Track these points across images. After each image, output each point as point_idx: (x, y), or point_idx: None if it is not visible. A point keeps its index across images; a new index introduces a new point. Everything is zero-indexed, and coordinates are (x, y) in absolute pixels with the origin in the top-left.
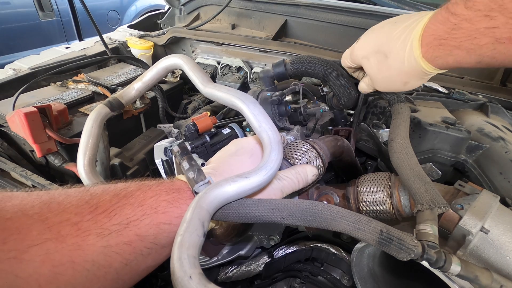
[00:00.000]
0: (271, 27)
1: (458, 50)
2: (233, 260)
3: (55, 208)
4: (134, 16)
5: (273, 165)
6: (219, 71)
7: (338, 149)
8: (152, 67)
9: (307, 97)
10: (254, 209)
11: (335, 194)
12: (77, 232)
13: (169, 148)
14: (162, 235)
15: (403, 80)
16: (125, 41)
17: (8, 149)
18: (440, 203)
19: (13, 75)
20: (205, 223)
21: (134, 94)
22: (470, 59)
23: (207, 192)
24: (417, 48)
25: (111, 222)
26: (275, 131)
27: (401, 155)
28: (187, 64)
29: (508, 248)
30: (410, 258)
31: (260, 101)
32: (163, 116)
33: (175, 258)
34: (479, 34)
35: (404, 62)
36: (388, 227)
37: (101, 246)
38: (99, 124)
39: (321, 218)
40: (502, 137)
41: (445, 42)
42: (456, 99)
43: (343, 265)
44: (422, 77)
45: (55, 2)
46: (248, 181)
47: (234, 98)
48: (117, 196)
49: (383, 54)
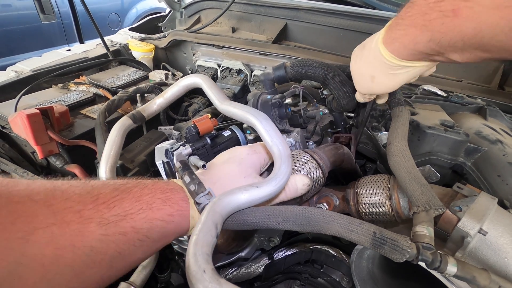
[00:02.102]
0: (272, 30)
1: (412, 28)
2: (233, 262)
3: (59, 195)
4: (134, 19)
5: (283, 177)
6: (220, 74)
7: (339, 158)
8: (174, 84)
9: (307, 100)
10: (251, 216)
11: (334, 196)
12: (79, 219)
13: (170, 150)
14: (154, 230)
15: (369, 72)
16: (126, 43)
17: (10, 151)
18: (435, 205)
19: (15, 77)
20: (218, 226)
21: (156, 109)
22: (423, 36)
23: (221, 198)
24: (380, 33)
25: (110, 212)
26: (286, 145)
27: (398, 158)
28: (205, 83)
29: (506, 250)
30: (405, 259)
31: (261, 104)
32: (164, 118)
33: (190, 254)
34: (429, 9)
35: (371, 49)
36: (382, 229)
37: (100, 234)
38: (122, 134)
39: (314, 222)
40: (500, 140)
41: (401, 22)
42: (455, 102)
43: (343, 267)
44: (386, 70)
45: (56, 4)
46: (259, 191)
47: (248, 114)
48: (116, 190)
49: (363, 45)
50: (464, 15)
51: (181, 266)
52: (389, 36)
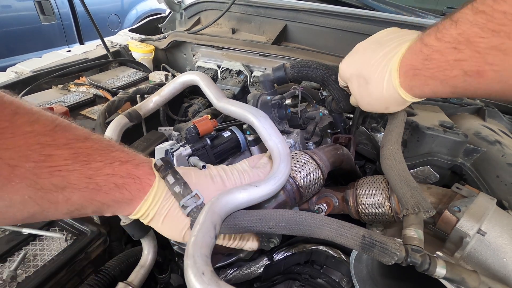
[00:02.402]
0: (271, 31)
1: (433, 80)
2: (233, 262)
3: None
4: (134, 20)
5: (282, 176)
6: (220, 75)
7: (338, 159)
8: (170, 82)
9: (307, 100)
10: (242, 220)
11: (334, 197)
12: (11, 172)
13: (170, 151)
14: (89, 207)
15: (383, 105)
16: (126, 44)
17: None
18: (425, 207)
19: (15, 78)
20: (217, 226)
21: (152, 107)
22: (445, 89)
23: (219, 198)
24: (395, 78)
25: (49, 180)
26: (285, 144)
27: (390, 161)
28: (203, 81)
29: (504, 250)
30: (394, 262)
31: (260, 105)
32: (163, 119)
33: (189, 255)
34: (449, 66)
35: (383, 90)
36: (371, 232)
37: (28, 196)
38: (118, 133)
39: (305, 226)
40: (499, 140)
41: (419, 72)
42: (454, 103)
43: (343, 268)
44: (402, 104)
45: (56, 5)
46: (257, 190)
47: (247, 112)
48: (75, 154)
49: (363, 79)
50: (490, 77)
51: (180, 267)
52: (408, 84)
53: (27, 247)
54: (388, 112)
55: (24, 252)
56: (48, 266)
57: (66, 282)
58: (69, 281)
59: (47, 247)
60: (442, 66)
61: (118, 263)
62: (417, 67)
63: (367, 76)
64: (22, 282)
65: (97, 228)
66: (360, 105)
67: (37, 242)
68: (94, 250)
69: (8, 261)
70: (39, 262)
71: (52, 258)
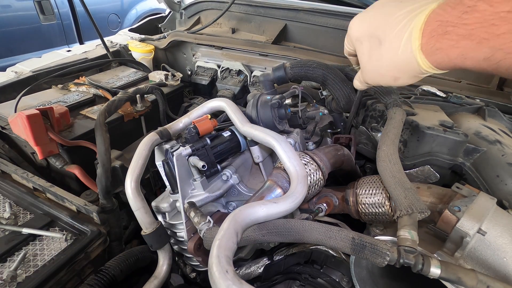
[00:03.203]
0: (271, 31)
1: (467, 41)
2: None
3: None
4: (134, 20)
5: (299, 195)
6: (219, 75)
7: (339, 159)
8: (200, 106)
9: (307, 100)
10: None
11: (334, 197)
12: None
13: (170, 150)
14: None
15: (393, 75)
16: (126, 44)
17: (10, 151)
18: (419, 208)
19: (15, 78)
20: (239, 234)
21: (181, 127)
22: (479, 52)
23: (242, 210)
24: (416, 39)
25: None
26: (302, 166)
27: (385, 163)
28: (229, 107)
29: (505, 250)
30: (386, 263)
31: (260, 104)
32: (163, 118)
33: (214, 256)
34: (499, 20)
35: (398, 53)
36: (362, 234)
37: None
38: (149, 149)
39: (295, 232)
40: (499, 140)
41: (452, 30)
42: (454, 103)
43: (343, 267)
44: (415, 76)
45: (55, 5)
46: (276, 206)
47: (268, 136)
48: None
49: (377, 39)
50: None
51: (180, 267)
52: (432, 45)
53: (27, 247)
54: (396, 85)
55: (24, 252)
56: (48, 266)
57: (66, 282)
58: (69, 281)
59: (47, 247)
60: (488, 21)
61: (118, 263)
62: (451, 23)
63: (382, 35)
64: (22, 282)
65: (97, 228)
66: (365, 74)
67: (37, 242)
68: (94, 250)
69: (8, 261)
70: (39, 262)
71: (52, 258)
